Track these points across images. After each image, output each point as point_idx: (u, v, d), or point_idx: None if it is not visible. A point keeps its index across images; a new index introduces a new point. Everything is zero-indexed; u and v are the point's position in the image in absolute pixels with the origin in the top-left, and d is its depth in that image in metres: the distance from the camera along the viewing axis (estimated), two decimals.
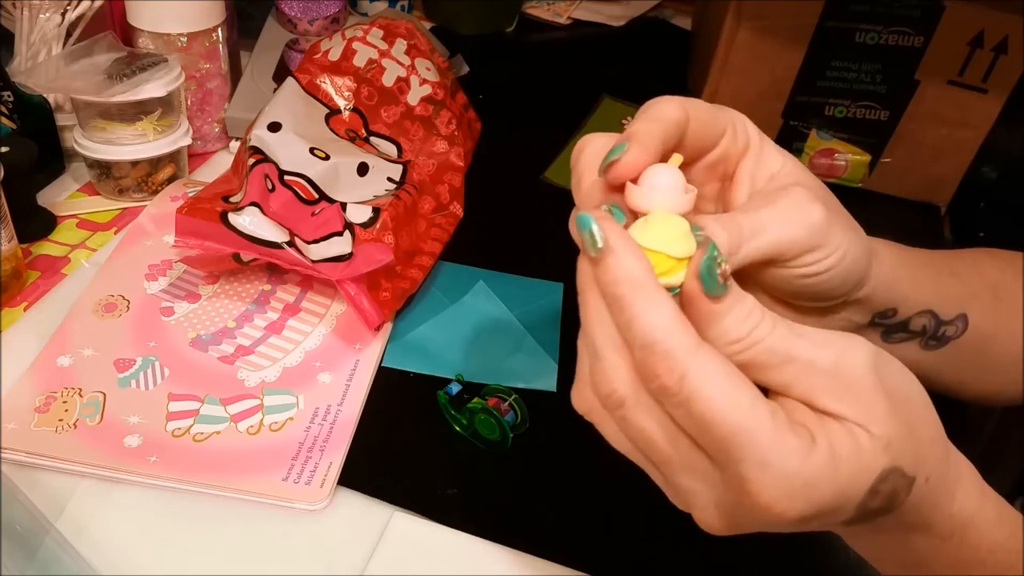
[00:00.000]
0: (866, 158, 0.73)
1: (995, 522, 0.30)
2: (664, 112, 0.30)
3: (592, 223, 0.27)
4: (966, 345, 0.41)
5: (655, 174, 0.29)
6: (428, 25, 0.92)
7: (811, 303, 0.36)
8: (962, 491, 0.29)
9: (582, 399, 0.30)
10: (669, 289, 0.27)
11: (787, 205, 0.31)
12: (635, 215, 0.29)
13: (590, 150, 0.31)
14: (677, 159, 0.30)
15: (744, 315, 0.27)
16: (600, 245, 0.26)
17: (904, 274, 0.39)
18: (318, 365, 0.52)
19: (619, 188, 0.30)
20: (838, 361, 0.27)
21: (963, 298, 0.41)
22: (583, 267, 0.28)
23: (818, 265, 0.32)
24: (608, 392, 0.28)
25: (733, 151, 0.33)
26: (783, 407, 0.27)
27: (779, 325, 0.27)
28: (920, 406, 0.28)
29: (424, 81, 0.66)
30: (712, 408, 0.25)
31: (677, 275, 0.27)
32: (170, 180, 0.66)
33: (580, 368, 0.30)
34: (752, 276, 0.33)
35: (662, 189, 0.29)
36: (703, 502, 0.28)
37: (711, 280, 0.26)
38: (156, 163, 0.64)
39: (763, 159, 0.33)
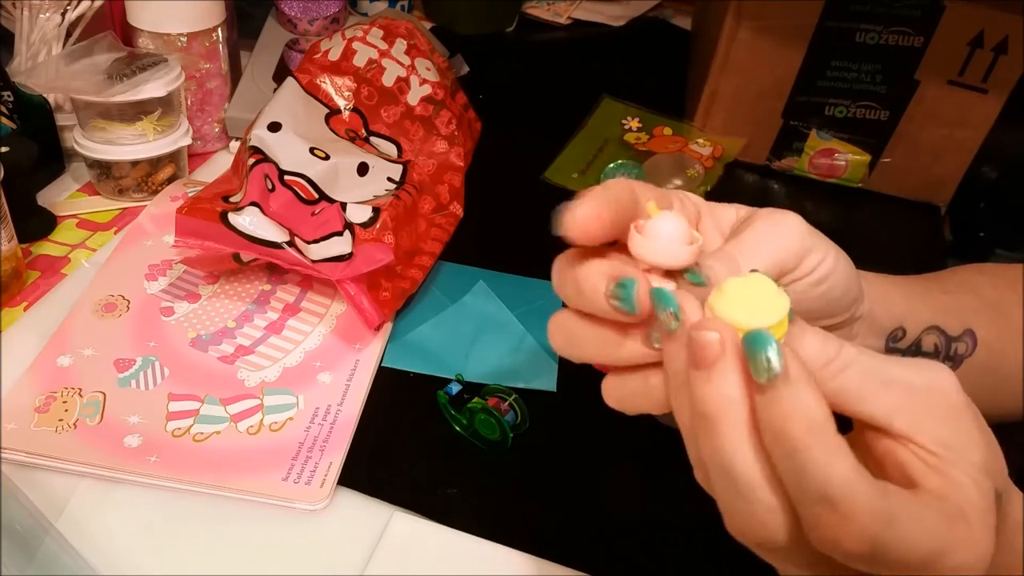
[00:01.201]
0: (866, 158, 0.73)
1: None
2: (610, 182, 0.30)
3: (776, 347, 0.23)
4: (979, 365, 0.41)
5: (657, 223, 0.28)
6: (428, 25, 0.92)
7: (827, 320, 0.36)
8: (1016, 498, 0.29)
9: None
10: None
11: (764, 223, 0.31)
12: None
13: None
14: (653, 208, 0.29)
15: (823, 335, 0.26)
16: (777, 372, 0.23)
17: (895, 292, 0.40)
18: (318, 365, 0.52)
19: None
20: (932, 383, 0.26)
21: (964, 314, 0.41)
22: (709, 387, 0.25)
23: (822, 267, 0.32)
24: (763, 540, 0.25)
25: (689, 216, 0.33)
26: (927, 491, 0.26)
27: (864, 349, 0.26)
28: (985, 421, 0.28)
29: (424, 81, 0.66)
30: (912, 558, 0.24)
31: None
32: (170, 180, 0.66)
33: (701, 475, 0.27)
34: None
35: (662, 239, 0.28)
36: None
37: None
38: (156, 163, 0.64)
39: (717, 213, 0.34)
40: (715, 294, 0.26)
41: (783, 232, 0.31)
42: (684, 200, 0.33)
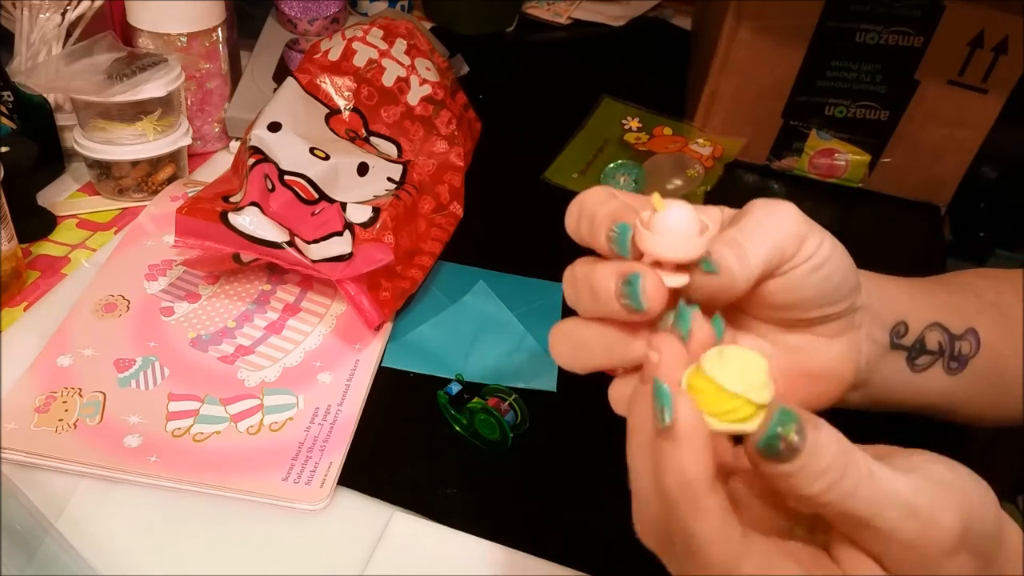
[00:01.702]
0: (866, 158, 0.73)
1: None
2: (589, 200, 0.31)
3: (669, 400, 0.25)
4: (983, 369, 0.42)
5: (665, 215, 0.27)
6: (428, 25, 0.92)
7: (829, 308, 0.36)
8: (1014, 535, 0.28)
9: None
10: (741, 430, 0.25)
11: (761, 211, 0.32)
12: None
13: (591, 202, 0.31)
14: (658, 201, 0.28)
15: (818, 473, 0.25)
16: (667, 424, 0.25)
17: (896, 289, 0.40)
18: (318, 365, 0.52)
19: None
20: (922, 534, 0.25)
21: (967, 313, 0.41)
22: (637, 402, 0.27)
23: (820, 252, 0.32)
24: (648, 545, 0.28)
25: None
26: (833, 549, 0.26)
27: (863, 484, 0.25)
28: (977, 539, 0.27)
29: (424, 81, 0.66)
30: None
31: (753, 422, 0.25)
32: (170, 180, 0.66)
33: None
34: (767, 300, 0.33)
35: (671, 232, 0.27)
36: None
37: (773, 453, 0.25)
38: (156, 163, 0.64)
39: (706, 216, 0.34)
40: (715, 351, 0.26)
41: (780, 218, 0.32)
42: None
